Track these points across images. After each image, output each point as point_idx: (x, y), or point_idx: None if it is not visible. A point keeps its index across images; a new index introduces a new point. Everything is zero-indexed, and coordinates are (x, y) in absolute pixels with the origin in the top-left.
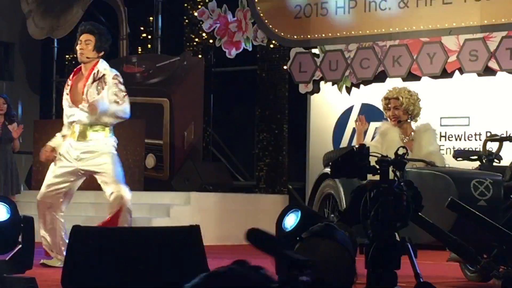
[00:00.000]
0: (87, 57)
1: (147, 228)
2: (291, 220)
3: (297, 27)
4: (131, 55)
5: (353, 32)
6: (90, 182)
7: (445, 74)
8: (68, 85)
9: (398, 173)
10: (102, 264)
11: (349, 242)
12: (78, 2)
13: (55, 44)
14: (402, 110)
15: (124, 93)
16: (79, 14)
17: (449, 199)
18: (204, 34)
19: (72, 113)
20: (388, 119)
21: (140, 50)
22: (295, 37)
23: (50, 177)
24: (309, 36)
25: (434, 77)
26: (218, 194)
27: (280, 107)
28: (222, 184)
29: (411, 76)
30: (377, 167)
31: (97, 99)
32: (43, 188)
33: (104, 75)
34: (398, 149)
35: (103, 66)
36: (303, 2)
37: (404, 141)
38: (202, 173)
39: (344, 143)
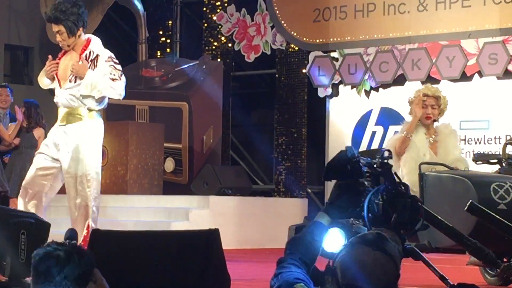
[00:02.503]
0: (68, 45)
1: (166, 232)
2: (335, 244)
3: (316, 30)
4: (150, 59)
5: (372, 36)
6: (109, 186)
7: (464, 77)
8: (57, 63)
9: (397, 176)
10: (121, 267)
11: (397, 255)
12: (97, 6)
13: None
14: (438, 110)
15: (121, 72)
16: (98, 18)
17: (469, 202)
18: (223, 38)
19: (57, 94)
20: (412, 115)
21: (159, 54)
22: (314, 40)
23: (35, 164)
24: (328, 40)
25: (454, 80)
26: (237, 198)
27: (299, 111)
28: (241, 188)
29: (430, 80)
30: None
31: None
32: (28, 174)
33: (97, 55)
34: (383, 153)
35: (96, 46)
36: (322, 5)
37: (429, 141)
38: (221, 177)
39: (363, 146)
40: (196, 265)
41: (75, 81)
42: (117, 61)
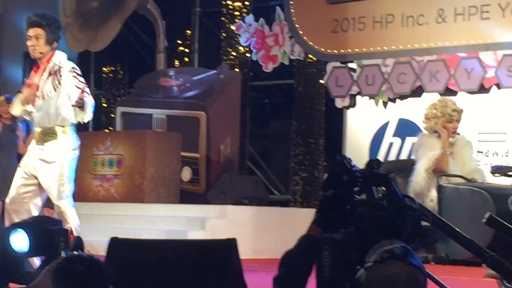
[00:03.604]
0: (40, 52)
1: (184, 241)
2: None
3: (334, 41)
4: (168, 68)
5: (390, 47)
6: (126, 194)
7: (482, 89)
8: (32, 87)
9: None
10: (139, 276)
11: (424, 267)
12: (116, 15)
13: (92, 57)
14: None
15: (86, 85)
16: (117, 27)
17: (487, 215)
18: (241, 48)
19: (32, 113)
20: (442, 131)
21: (177, 63)
22: (332, 51)
23: (16, 181)
24: (346, 51)
25: (472, 92)
26: (253, 207)
27: (316, 121)
28: (257, 198)
29: (448, 91)
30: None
31: (81, 96)
32: (10, 192)
33: (60, 68)
34: (374, 161)
35: (58, 59)
36: (341, 16)
37: (446, 153)
38: (238, 186)
39: (380, 157)
40: (214, 274)
41: (43, 97)
42: (79, 72)
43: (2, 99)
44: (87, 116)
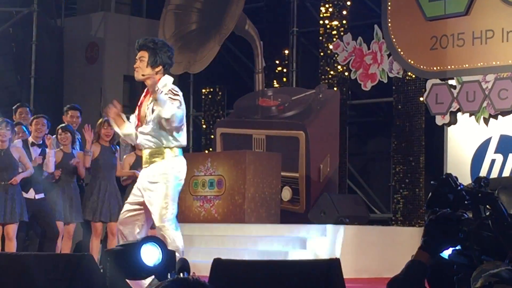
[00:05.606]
0: (142, 75)
1: (287, 261)
2: None
3: (433, 58)
4: (266, 88)
5: (490, 63)
6: (227, 215)
7: None
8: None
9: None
10: None
11: None
12: (215, 37)
13: (191, 79)
14: None
15: (179, 103)
16: (215, 49)
17: None
18: (339, 67)
19: (138, 136)
20: None
21: (275, 83)
22: (431, 68)
23: (126, 203)
24: (445, 68)
25: None
26: (354, 226)
27: (416, 139)
28: (358, 217)
29: None
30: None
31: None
32: (121, 214)
33: (161, 92)
34: (483, 179)
35: (163, 83)
36: (439, 33)
37: None
38: (338, 205)
39: (482, 174)
40: None
41: (145, 122)
42: (176, 93)
43: (102, 120)
44: (165, 111)
